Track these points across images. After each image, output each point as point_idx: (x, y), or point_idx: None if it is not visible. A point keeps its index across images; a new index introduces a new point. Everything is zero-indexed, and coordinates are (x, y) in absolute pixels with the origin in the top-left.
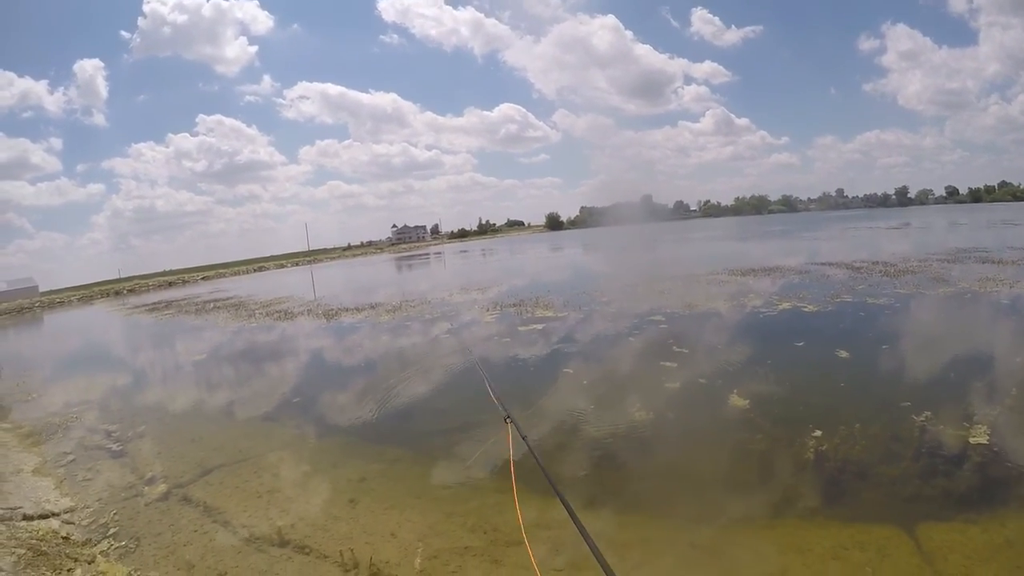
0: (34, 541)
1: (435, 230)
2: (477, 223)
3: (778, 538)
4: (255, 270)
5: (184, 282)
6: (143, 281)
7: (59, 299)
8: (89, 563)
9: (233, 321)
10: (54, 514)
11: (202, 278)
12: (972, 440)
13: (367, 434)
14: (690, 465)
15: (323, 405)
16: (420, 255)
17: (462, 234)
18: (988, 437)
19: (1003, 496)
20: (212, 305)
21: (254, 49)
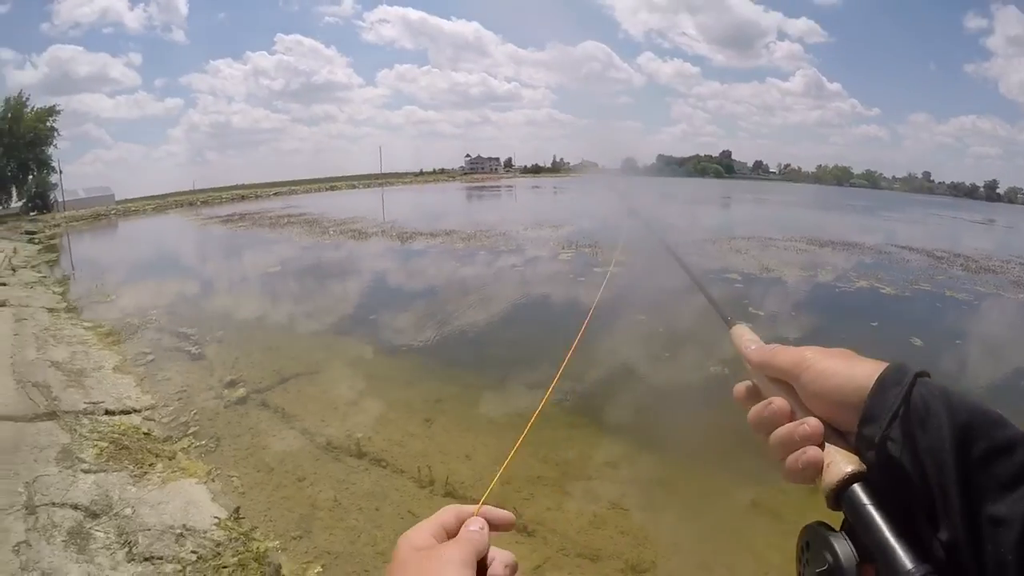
0: (116, 435)
1: (508, 163)
2: (551, 160)
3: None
4: (327, 189)
5: (257, 196)
6: (216, 194)
7: (134, 208)
8: (170, 459)
9: (307, 236)
10: (135, 410)
11: (274, 194)
12: None
13: (442, 357)
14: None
15: (397, 325)
16: (491, 187)
17: (535, 170)
18: None
19: None
20: (286, 220)
21: None
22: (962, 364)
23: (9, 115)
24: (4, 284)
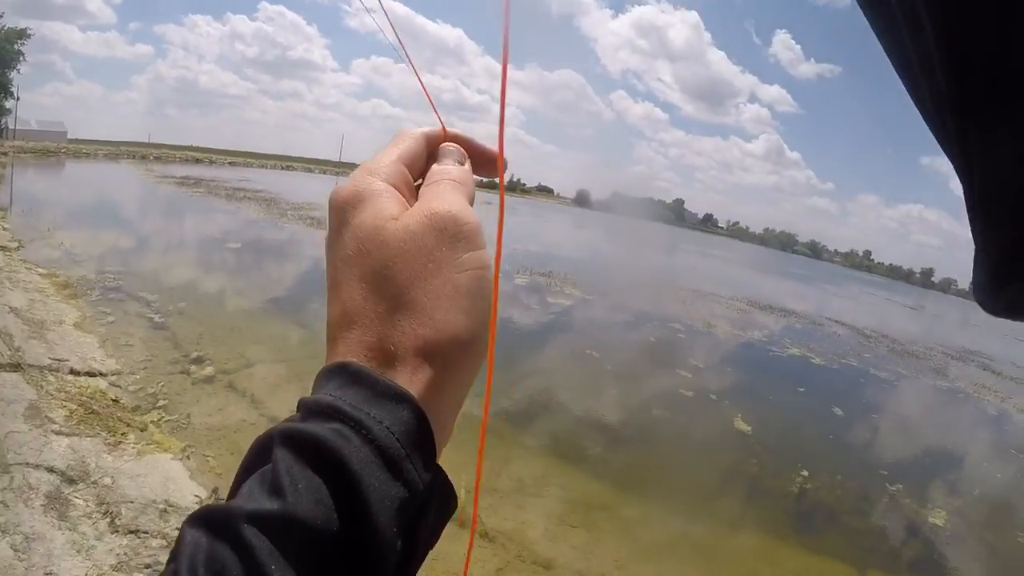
0: (84, 398)
1: None
2: (508, 179)
3: (754, 546)
4: (283, 167)
5: (211, 162)
6: (170, 152)
7: (85, 150)
8: (142, 431)
9: (265, 215)
10: (101, 374)
11: (229, 163)
12: (930, 520)
13: None
14: (690, 465)
15: None
16: None
17: (491, 185)
18: (944, 521)
19: (943, 570)
20: (242, 194)
21: None
22: (876, 437)
23: None
24: None
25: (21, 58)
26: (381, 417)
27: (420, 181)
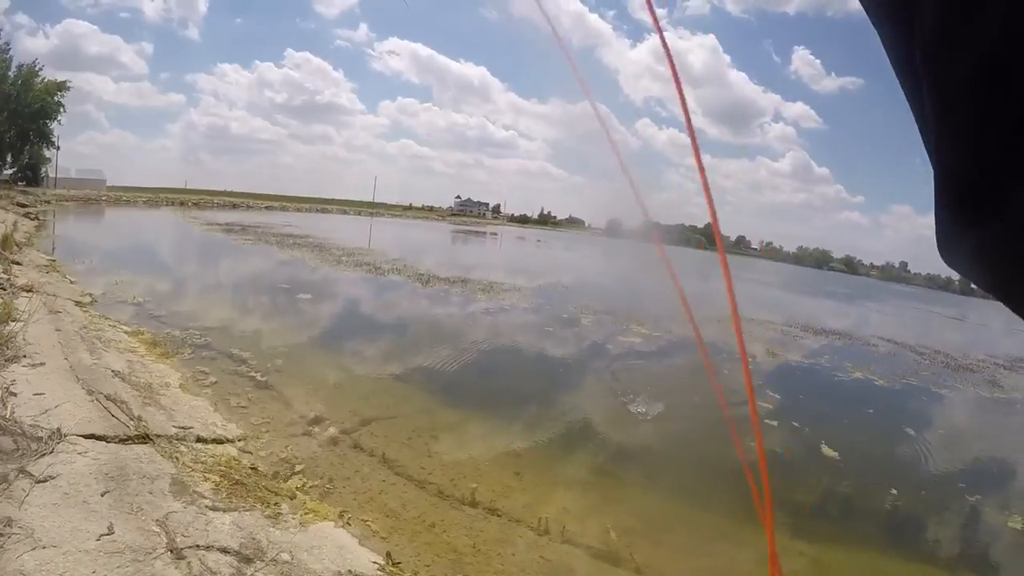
0: (223, 468)
1: (496, 210)
2: (539, 212)
3: (861, 560)
4: (318, 210)
5: (248, 207)
6: (208, 197)
7: (125, 197)
8: (291, 498)
9: (320, 263)
10: (228, 440)
11: (265, 207)
12: (1009, 524)
13: (503, 413)
14: (795, 490)
15: (448, 375)
16: (478, 231)
17: (523, 219)
18: (1022, 525)
19: None
20: (292, 241)
21: None
22: (950, 453)
23: (20, 82)
24: (19, 264)
25: (62, 109)
26: None
27: None
